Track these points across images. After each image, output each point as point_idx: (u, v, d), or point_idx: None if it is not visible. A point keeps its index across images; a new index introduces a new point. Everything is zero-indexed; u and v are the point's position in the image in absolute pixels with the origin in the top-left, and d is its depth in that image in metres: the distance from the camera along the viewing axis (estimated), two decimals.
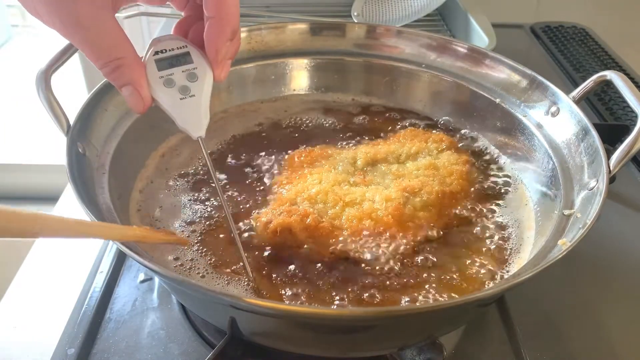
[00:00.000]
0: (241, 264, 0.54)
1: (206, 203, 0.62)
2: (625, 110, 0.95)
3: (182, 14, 0.55)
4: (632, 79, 0.91)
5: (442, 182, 0.63)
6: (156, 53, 0.52)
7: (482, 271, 0.56)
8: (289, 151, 0.70)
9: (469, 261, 0.57)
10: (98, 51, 0.48)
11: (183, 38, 0.54)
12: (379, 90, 0.81)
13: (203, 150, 0.53)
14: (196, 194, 0.64)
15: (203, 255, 0.56)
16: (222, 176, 0.67)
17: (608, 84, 0.61)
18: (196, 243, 0.58)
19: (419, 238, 0.58)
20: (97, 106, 0.61)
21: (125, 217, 0.58)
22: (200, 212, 0.61)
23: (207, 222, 0.60)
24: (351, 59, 0.81)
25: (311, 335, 0.50)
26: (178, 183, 0.65)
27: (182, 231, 0.59)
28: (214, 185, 0.63)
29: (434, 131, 0.73)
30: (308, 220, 0.56)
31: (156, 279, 0.62)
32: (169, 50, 0.53)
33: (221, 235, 0.59)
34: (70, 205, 0.77)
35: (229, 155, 0.70)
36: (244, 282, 0.53)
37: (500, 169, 0.69)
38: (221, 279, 0.54)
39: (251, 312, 0.45)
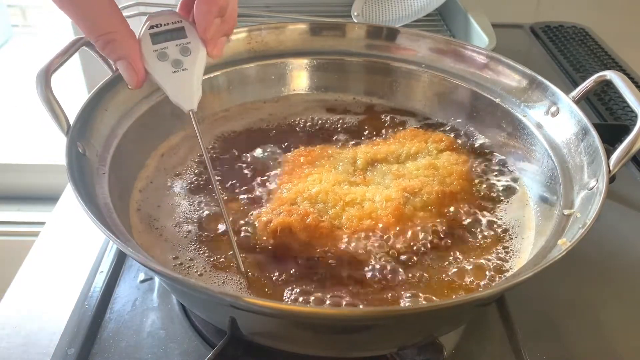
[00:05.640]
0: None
1: (206, 202, 0.62)
2: (625, 110, 0.95)
3: None
4: (632, 79, 0.91)
5: (442, 182, 0.63)
6: (151, 27, 0.53)
7: (482, 271, 0.56)
8: (290, 151, 0.70)
9: (469, 261, 0.57)
10: (92, 25, 0.49)
11: (179, 13, 0.55)
12: (379, 90, 0.81)
13: (194, 124, 0.54)
14: (196, 194, 0.64)
15: (202, 254, 0.56)
16: (222, 175, 0.67)
17: (608, 84, 0.61)
18: (195, 242, 0.58)
19: (419, 238, 0.58)
20: (97, 106, 0.61)
21: (125, 217, 0.58)
22: (200, 211, 0.61)
23: (207, 221, 0.60)
24: (351, 59, 0.81)
25: (311, 335, 0.50)
26: (178, 183, 0.65)
27: (180, 230, 0.59)
28: (213, 186, 0.63)
29: (434, 131, 0.73)
30: (308, 220, 0.56)
31: (156, 279, 0.62)
32: (164, 24, 0.54)
33: (220, 234, 0.59)
34: (70, 205, 0.77)
35: (229, 154, 0.70)
36: (243, 282, 0.53)
37: (500, 169, 0.69)
38: (220, 278, 0.54)
39: (251, 312, 0.45)
